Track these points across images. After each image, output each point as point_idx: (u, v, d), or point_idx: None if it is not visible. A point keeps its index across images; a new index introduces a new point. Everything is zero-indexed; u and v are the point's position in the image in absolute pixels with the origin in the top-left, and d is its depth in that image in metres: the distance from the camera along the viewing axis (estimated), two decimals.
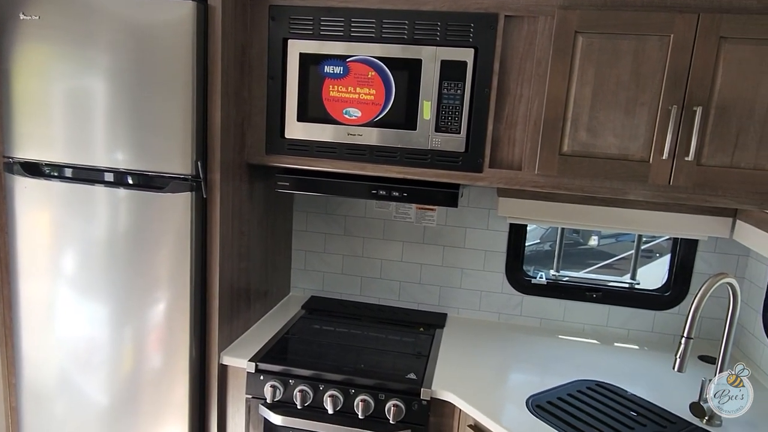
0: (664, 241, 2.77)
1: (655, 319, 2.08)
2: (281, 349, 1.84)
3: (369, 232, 2.24)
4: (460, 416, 1.63)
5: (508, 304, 2.18)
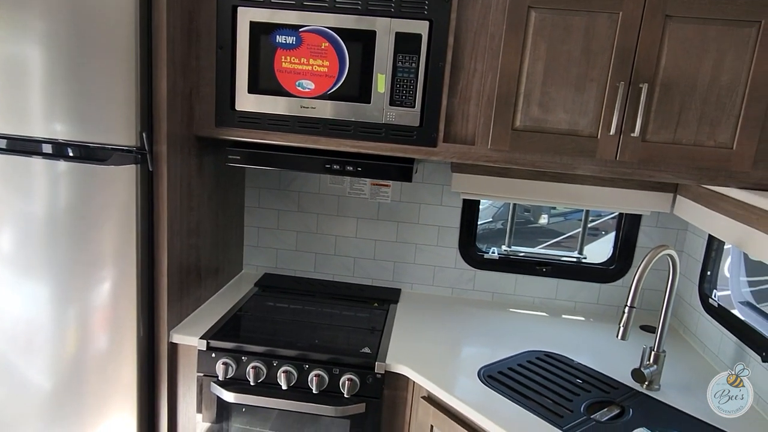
0: (609, 219, 2.87)
1: (600, 292, 2.16)
2: (234, 327, 1.81)
3: (323, 209, 2.21)
4: (414, 388, 1.65)
5: (461, 279, 2.21)
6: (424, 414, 1.59)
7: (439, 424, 1.54)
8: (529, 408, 1.45)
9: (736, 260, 1.85)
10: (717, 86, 1.48)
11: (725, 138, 1.51)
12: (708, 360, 1.82)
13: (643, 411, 1.49)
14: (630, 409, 1.49)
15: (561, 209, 5.12)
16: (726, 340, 1.72)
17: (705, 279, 1.88)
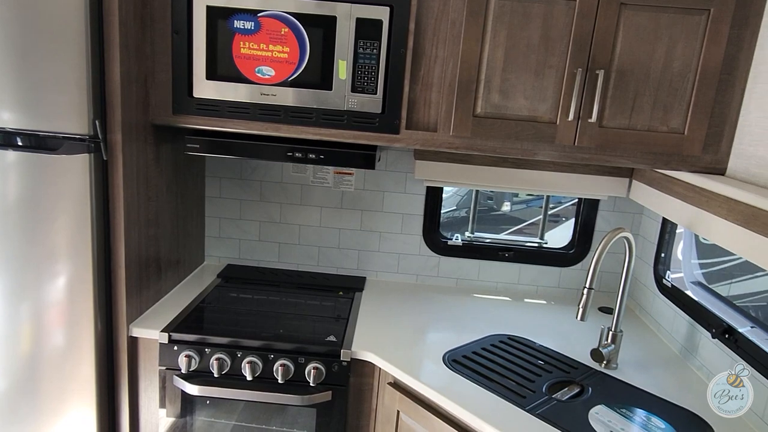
0: (569, 206, 2.93)
1: (561, 276, 2.21)
2: (196, 319, 1.78)
3: (286, 198, 2.19)
4: (380, 375, 1.66)
5: (425, 266, 2.23)
6: (390, 400, 1.60)
7: (406, 410, 1.56)
8: (493, 390, 1.48)
9: (688, 244, 1.92)
10: (669, 73, 1.53)
11: (677, 123, 1.56)
12: (662, 338, 1.89)
13: (601, 389, 1.54)
14: (589, 388, 1.54)
15: (523, 197, 5.22)
16: (679, 319, 1.79)
17: (659, 261, 1.95)
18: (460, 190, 4.63)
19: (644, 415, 1.42)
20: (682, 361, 1.73)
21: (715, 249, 2.22)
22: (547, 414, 1.39)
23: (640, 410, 1.45)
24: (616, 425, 1.37)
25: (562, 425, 1.34)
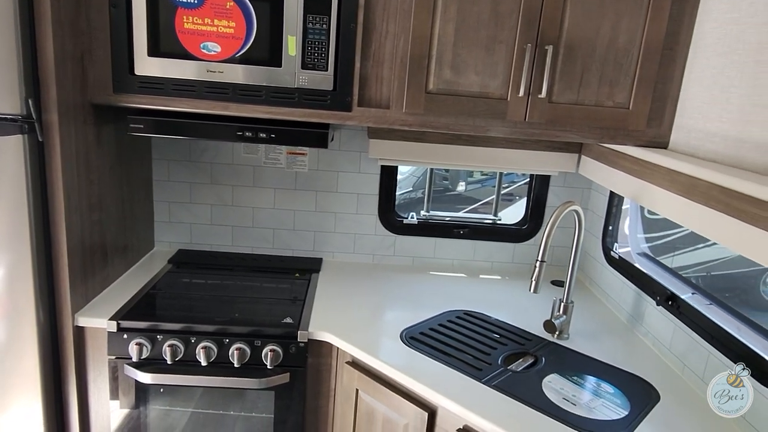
0: (522, 185, 2.98)
1: (515, 251, 2.25)
2: (147, 305, 1.72)
3: (238, 180, 2.14)
4: (338, 354, 1.65)
5: (381, 245, 2.23)
6: (349, 379, 1.60)
7: (365, 388, 1.56)
8: (450, 364, 1.50)
9: (634, 219, 1.98)
10: (614, 48, 1.56)
11: (623, 98, 1.60)
12: (611, 308, 1.95)
13: (554, 359, 1.58)
14: (543, 358, 1.58)
15: (477, 177, 5.28)
16: (626, 289, 1.86)
17: (607, 234, 2.01)
18: (416, 171, 4.65)
19: (594, 382, 1.47)
20: (629, 329, 1.80)
21: (659, 223, 2.32)
22: (502, 385, 1.42)
23: (591, 377, 1.50)
24: (568, 392, 1.41)
25: (517, 395, 1.38)
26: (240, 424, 1.70)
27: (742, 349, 1.32)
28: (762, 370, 1.24)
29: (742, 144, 1.30)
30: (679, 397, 1.42)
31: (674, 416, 1.34)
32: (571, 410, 1.33)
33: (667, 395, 1.43)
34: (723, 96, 1.38)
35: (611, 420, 1.31)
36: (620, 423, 1.30)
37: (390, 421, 1.50)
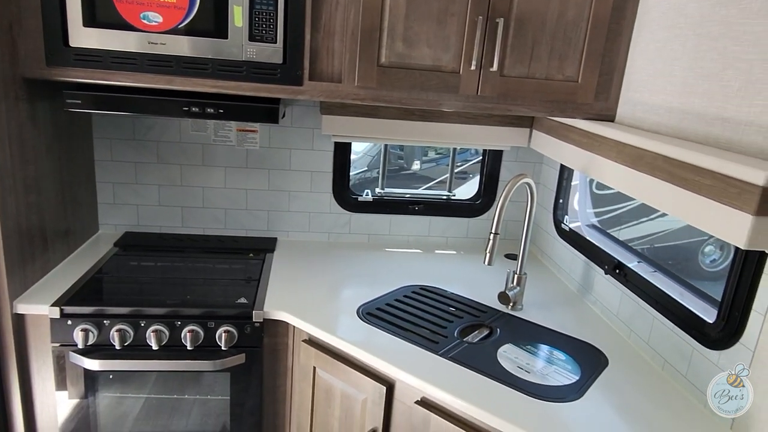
0: (475, 163, 3.00)
1: (469, 226, 2.28)
2: (92, 290, 1.65)
3: (186, 159, 2.06)
4: (294, 333, 1.64)
5: (336, 224, 2.21)
6: (306, 357, 1.59)
7: (322, 365, 1.55)
8: (407, 338, 1.51)
9: (583, 194, 2.03)
10: (564, 22, 1.57)
11: (572, 71, 1.62)
12: (562, 279, 2.01)
13: (509, 329, 1.61)
14: (498, 329, 1.61)
15: (432, 155, 5.30)
16: (576, 260, 1.91)
17: (558, 207, 2.06)
18: (371, 150, 4.62)
19: (547, 350, 1.51)
20: (579, 299, 1.86)
21: (606, 199, 2.39)
22: (458, 356, 1.44)
23: (544, 345, 1.54)
24: (522, 361, 1.45)
25: (473, 365, 1.40)
26: (196, 408, 1.66)
27: (684, 312, 1.38)
28: (702, 332, 1.30)
29: (685, 115, 1.34)
30: (626, 361, 1.48)
31: (621, 379, 1.39)
32: (525, 378, 1.36)
33: (615, 360, 1.48)
34: (667, 69, 1.42)
35: (563, 385, 1.35)
36: (571, 388, 1.34)
37: (348, 397, 1.50)
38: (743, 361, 1.17)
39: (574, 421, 1.20)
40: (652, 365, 1.47)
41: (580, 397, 1.30)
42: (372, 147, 4.66)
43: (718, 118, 1.24)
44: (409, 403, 1.38)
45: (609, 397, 1.31)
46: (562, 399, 1.28)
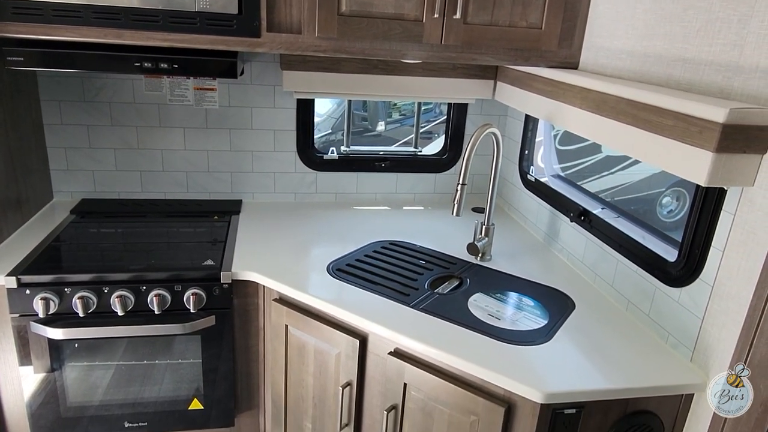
0: (440, 124, 2.98)
1: (436, 181, 2.28)
2: (50, 258, 1.59)
3: (142, 120, 1.98)
4: (265, 293, 1.62)
5: (302, 183, 2.17)
6: (277, 315, 1.58)
7: (294, 323, 1.55)
8: (378, 292, 1.51)
9: (548, 144, 2.05)
10: None
11: (535, 18, 1.60)
12: (529, 230, 2.03)
13: (478, 279, 1.63)
14: (467, 279, 1.62)
15: (396, 116, 5.25)
16: (542, 209, 1.93)
17: (523, 158, 2.07)
18: (335, 113, 4.54)
19: (516, 297, 1.54)
20: (546, 247, 1.89)
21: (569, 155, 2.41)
22: (429, 307, 1.45)
23: (513, 293, 1.56)
24: (492, 308, 1.47)
25: (444, 315, 1.41)
26: (168, 373, 1.64)
27: (646, 253, 1.42)
28: (664, 271, 1.34)
29: (647, 58, 1.35)
30: (592, 304, 1.52)
31: (588, 321, 1.43)
32: (496, 324, 1.39)
33: (582, 303, 1.52)
34: (629, 12, 1.41)
35: (532, 330, 1.38)
36: (540, 331, 1.37)
37: (322, 353, 1.51)
38: (702, 297, 1.22)
39: (544, 362, 1.23)
40: (617, 306, 1.51)
41: (549, 339, 1.33)
42: (336, 109, 4.58)
43: (678, 60, 1.25)
44: (383, 354, 1.39)
45: (576, 338, 1.34)
46: (532, 342, 1.31)
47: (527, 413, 1.18)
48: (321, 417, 1.57)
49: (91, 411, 1.63)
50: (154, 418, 1.67)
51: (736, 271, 1.12)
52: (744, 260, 1.10)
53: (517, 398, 1.19)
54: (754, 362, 1.04)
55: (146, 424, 1.67)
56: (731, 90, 1.12)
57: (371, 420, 1.47)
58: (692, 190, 1.26)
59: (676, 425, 1.26)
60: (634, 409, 1.22)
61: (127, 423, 1.66)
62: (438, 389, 1.28)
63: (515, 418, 1.20)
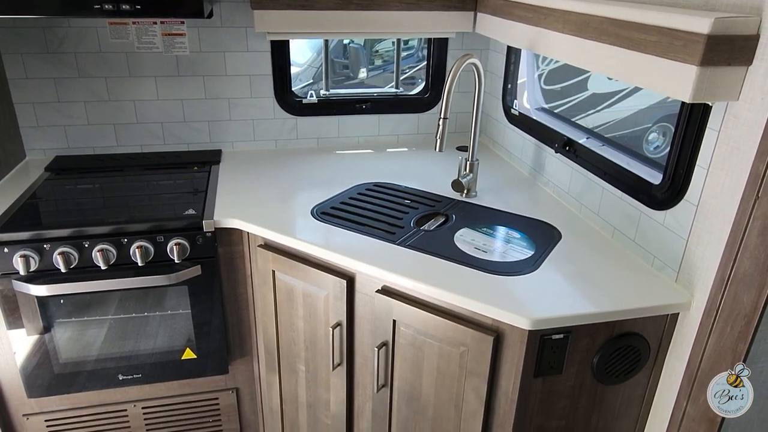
0: (421, 69, 2.90)
1: (419, 122, 2.23)
2: (26, 215, 1.55)
3: (111, 70, 1.90)
4: (249, 239, 1.60)
5: (282, 129, 2.12)
6: (263, 261, 1.57)
7: (281, 268, 1.53)
8: (364, 233, 1.49)
9: (531, 78, 2.00)
10: None
11: None
12: (514, 165, 2.01)
13: (464, 215, 1.62)
14: (453, 216, 1.61)
15: (378, 63, 5.13)
16: (527, 143, 1.91)
17: (507, 92, 2.02)
18: (315, 62, 4.42)
19: (503, 230, 1.54)
20: (531, 181, 1.87)
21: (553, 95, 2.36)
22: (416, 244, 1.44)
23: (499, 226, 1.55)
24: (479, 242, 1.46)
25: (431, 251, 1.40)
26: (159, 325, 1.64)
27: (631, 178, 1.40)
28: (649, 194, 1.34)
29: None
30: (578, 233, 1.52)
31: (574, 250, 1.43)
32: (482, 257, 1.38)
33: (568, 234, 1.52)
34: None
35: (518, 261, 1.38)
36: (527, 262, 1.37)
37: (310, 296, 1.51)
38: (687, 218, 1.21)
39: (530, 290, 1.24)
40: (603, 234, 1.51)
41: (536, 269, 1.33)
42: (316, 58, 4.46)
43: None
44: (371, 293, 1.39)
45: (563, 266, 1.34)
46: (518, 273, 1.31)
47: (516, 341, 1.19)
48: (314, 359, 1.58)
49: (85, 366, 1.63)
50: (148, 369, 1.67)
51: (720, 189, 1.12)
52: (728, 177, 1.09)
53: (506, 327, 1.19)
54: (738, 276, 1.05)
55: (140, 375, 1.68)
56: (715, 2, 1.08)
57: (363, 358, 1.49)
58: (672, 136, 1.23)
59: (661, 345, 1.28)
60: (620, 331, 1.24)
61: (122, 376, 1.67)
62: (427, 323, 1.29)
63: (504, 346, 1.21)
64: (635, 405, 1.36)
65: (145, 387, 1.73)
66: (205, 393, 1.78)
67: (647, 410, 1.37)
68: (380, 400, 1.47)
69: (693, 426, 1.19)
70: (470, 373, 1.26)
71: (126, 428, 1.76)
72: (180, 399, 1.76)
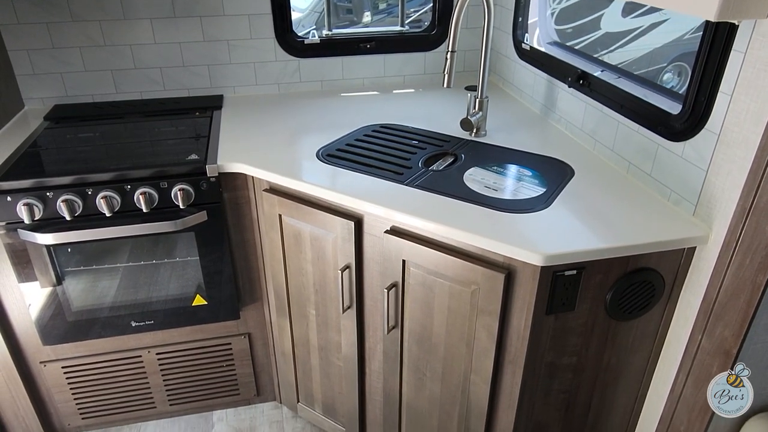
0: (427, 12, 2.77)
1: (426, 61, 2.15)
2: (28, 164, 1.53)
3: (105, 13, 1.83)
4: (254, 183, 1.57)
5: (285, 72, 2.05)
6: (269, 205, 1.54)
7: (287, 211, 1.51)
8: (371, 174, 1.46)
9: (543, 9, 1.90)
10: None
11: None
12: (525, 102, 1.95)
13: (473, 154, 1.57)
14: (462, 155, 1.57)
15: (383, 6, 4.95)
16: (539, 80, 1.83)
17: (518, 26, 1.93)
18: (317, 6, 4.26)
19: (513, 168, 1.49)
20: (543, 119, 1.81)
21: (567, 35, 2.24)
22: (425, 184, 1.41)
23: (510, 165, 1.51)
24: (489, 181, 1.42)
25: (440, 190, 1.37)
26: (169, 273, 1.64)
27: (649, 109, 1.34)
28: (667, 125, 1.28)
29: None
30: (591, 170, 1.47)
31: (588, 186, 1.39)
32: (492, 195, 1.35)
33: (581, 170, 1.47)
34: None
35: (530, 198, 1.34)
36: (539, 199, 1.33)
37: (318, 239, 1.49)
38: (707, 148, 1.16)
39: (542, 227, 1.20)
40: (617, 170, 1.46)
41: (548, 206, 1.30)
42: (317, 3, 4.30)
43: None
44: (379, 234, 1.37)
45: (575, 203, 1.31)
46: (530, 210, 1.28)
47: (527, 278, 1.17)
48: (323, 302, 1.58)
49: (98, 314, 1.64)
50: (160, 315, 1.69)
51: (744, 115, 1.06)
52: (753, 102, 1.04)
53: (517, 264, 1.17)
54: (760, 205, 1.01)
55: (152, 322, 1.69)
56: None
57: (372, 300, 1.48)
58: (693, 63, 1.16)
59: (677, 280, 1.26)
60: (634, 267, 1.21)
61: (134, 322, 1.68)
62: (437, 263, 1.27)
63: (516, 283, 1.19)
64: (648, 341, 1.34)
65: (158, 333, 1.74)
66: (218, 338, 1.79)
67: (660, 346, 1.36)
68: (391, 341, 1.47)
69: (707, 359, 1.18)
70: (482, 311, 1.24)
71: (142, 373, 1.79)
72: (193, 345, 1.78)
